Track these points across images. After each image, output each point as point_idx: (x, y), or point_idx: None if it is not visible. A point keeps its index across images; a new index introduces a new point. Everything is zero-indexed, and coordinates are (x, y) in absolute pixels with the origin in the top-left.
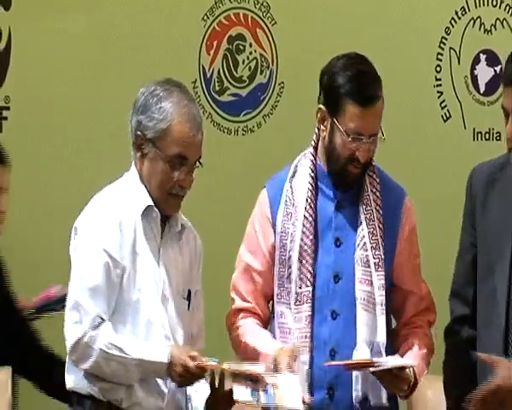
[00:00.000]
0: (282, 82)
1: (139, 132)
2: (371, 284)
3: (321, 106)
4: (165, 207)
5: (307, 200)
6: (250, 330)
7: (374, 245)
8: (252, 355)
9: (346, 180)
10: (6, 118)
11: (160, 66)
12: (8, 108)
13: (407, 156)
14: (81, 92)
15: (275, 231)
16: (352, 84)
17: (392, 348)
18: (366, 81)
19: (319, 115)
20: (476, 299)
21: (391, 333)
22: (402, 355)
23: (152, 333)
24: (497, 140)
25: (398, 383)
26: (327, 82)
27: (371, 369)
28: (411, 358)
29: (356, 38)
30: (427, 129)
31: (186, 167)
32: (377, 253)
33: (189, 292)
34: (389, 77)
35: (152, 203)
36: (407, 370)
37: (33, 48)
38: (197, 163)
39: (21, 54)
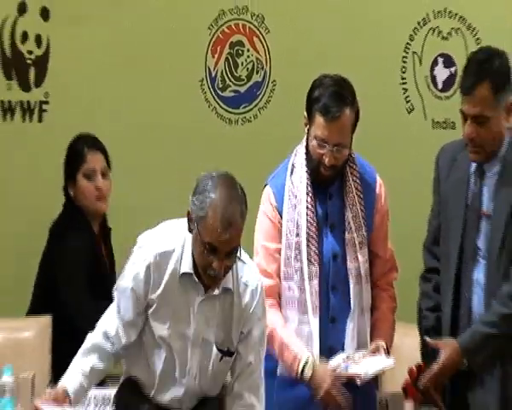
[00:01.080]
0: (275, 80)
1: (189, 209)
2: (357, 260)
3: (304, 112)
4: (204, 280)
5: (307, 194)
6: (280, 325)
7: (357, 226)
8: (279, 345)
9: (320, 179)
10: (46, 110)
11: (173, 66)
12: (47, 103)
13: (377, 143)
14: (107, 88)
15: (281, 219)
16: (322, 100)
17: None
18: (334, 101)
19: (304, 121)
20: None
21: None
22: (376, 323)
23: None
24: (452, 129)
25: None
26: (308, 93)
27: (358, 381)
28: (382, 334)
29: (335, 45)
30: (394, 119)
31: (218, 256)
32: (360, 233)
33: (227, 350)
34: (363, 76)
35: (192, 271)
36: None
37: (68, 52)
38: (233, 253)
39: (58, 57)
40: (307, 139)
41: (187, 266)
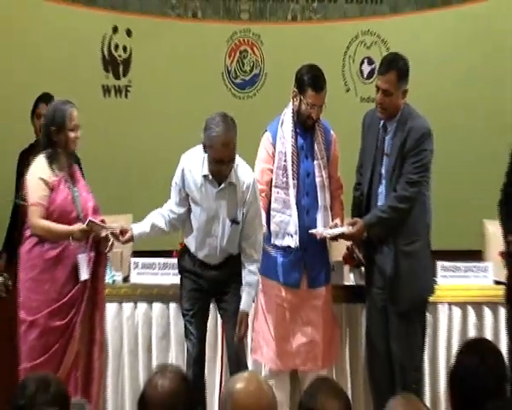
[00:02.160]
0: (266, 73)
1: (202, 141)
2: (322, 177)
3: (294, 88)
4: (215, 178)
5: (292, 136)
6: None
7: (322, 156)
8: None
9: (305, 126)
10: (129, 91)
11: (206, 64)
12: (130, 86)
13: (329, 110)
14: (166, 78)
15: (275, 151)
16: (311, 80)
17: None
18: (318, 80)
19: (293, 93)
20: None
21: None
22: (334, 214)
23: (214, 232)
24: (372, 102)
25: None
26: (299, 76)
27: (328, 236)
28: (337, 218)
29: (303, 52)
30: (337, 96)
31: (222, 165)
32: (323, 160)
33: (235, 220)
34: (324, 70)
35: (209, 174)
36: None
37: (142, 56)
38: (230, 162)
39: (137, 59)
40: (299, 105)
41: (206, 171)
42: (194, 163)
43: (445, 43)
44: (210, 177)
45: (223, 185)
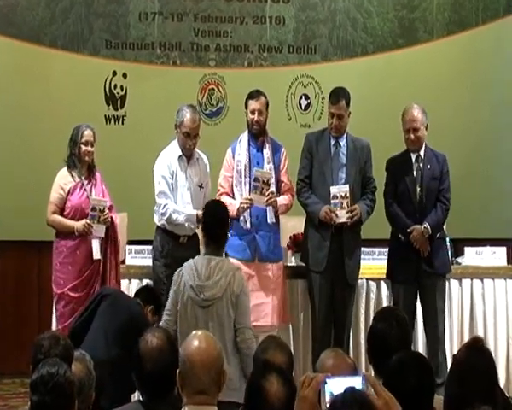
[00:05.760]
0: (228, 106)
1: (175, 122)
2: (271, 180)
3: (244, 109)
4: (185, 153)
5: (246, 148)
6: (228, 198)
7: (268, 162)
8: (229, 204)
9: (254, 134)
10: (125, 119)
11: (183, 100)
12: (125, 116)
13: (276, 134)
14: (156, 110)
15: (233, 161)
16: (249, 93)
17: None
18: (254, 91)
19: (245, 112)
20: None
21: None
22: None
23: (183, 200)
24: (308, 127)
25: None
26: (246, 99)
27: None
28: (282, 204)
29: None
30: (282, 123)
31: (190, 138)
32: (269, 165)
33: (202, 185)
34: (271, 104)
35: (182, 153)
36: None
37: (135, 93)
38: (196, 137)
39: (130, 95)
40: (247, 117)
41: (180, 152)
42: (172, 152)
43: (362, 84)
44: (183, 156)
45: (193, 159)
